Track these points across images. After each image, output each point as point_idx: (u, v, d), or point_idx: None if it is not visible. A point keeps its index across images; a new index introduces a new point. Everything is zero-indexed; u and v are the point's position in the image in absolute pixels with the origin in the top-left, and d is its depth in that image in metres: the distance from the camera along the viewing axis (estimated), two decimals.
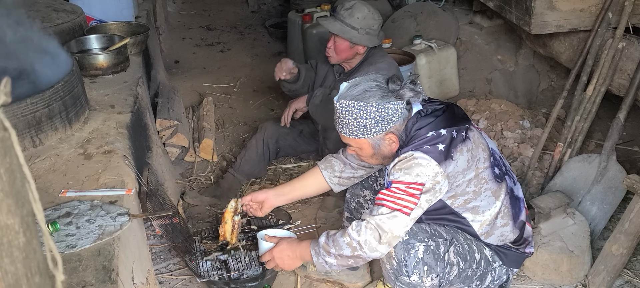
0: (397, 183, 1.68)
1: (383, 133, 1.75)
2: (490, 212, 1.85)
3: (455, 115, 1.80)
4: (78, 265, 1.43)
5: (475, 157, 1.78)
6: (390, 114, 1.72)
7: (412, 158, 1.68)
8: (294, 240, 1.94)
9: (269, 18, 5.96)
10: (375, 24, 2.61)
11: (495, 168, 1.86)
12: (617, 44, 2.70)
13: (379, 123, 1.72)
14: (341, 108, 1.74)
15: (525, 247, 2.00)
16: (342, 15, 2.58)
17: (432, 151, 1.68)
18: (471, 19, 4.25)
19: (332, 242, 1.74)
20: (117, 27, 3.16)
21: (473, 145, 1.77)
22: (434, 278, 1.79)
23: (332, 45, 2.65)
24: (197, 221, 2.74)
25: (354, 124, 1.73)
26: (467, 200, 1.81)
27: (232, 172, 2.87)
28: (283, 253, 1.91)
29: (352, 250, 1.69)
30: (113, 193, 1.75)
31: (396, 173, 1.70)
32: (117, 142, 2.05)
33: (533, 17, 2.92)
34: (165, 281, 2.32)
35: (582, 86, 2.83)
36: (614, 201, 2.51)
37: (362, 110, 1.70)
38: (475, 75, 4.03)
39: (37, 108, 1.89)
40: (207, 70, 4.71)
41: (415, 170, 1.67)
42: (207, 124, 3.40)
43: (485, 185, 1.82)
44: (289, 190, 2.17)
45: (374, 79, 1.77)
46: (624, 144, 3.13)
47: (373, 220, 1.66)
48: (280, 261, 1.92)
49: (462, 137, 1.75)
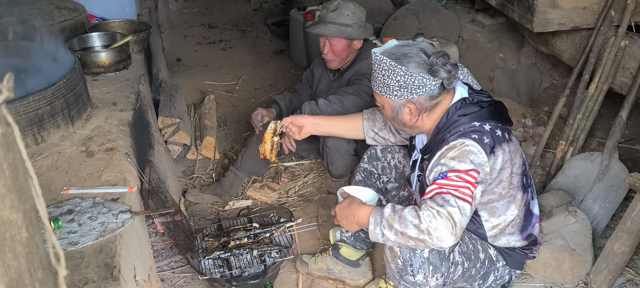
0: (454, 172, 1.63)
1: (404, 99, 1.72)
2: (505, 218, 1.85)
3: (502, 114, 1.78)
4: (80, 262, 1.43)
5: (513, 161, 1.76)
6: (417, 84, 1.68)
7: (463, 146, 1.65)
8: (355, 201, 1.83)
9: (270, 16, 5.96)
10: (363, 16, 2.64)
11: (524, 178, 1.85)
12: (620, 42, 2.69)
13: (402, 88, 1.69)
14: (375, 60, 1.73)
15: (529, 252, 2.00)
16: (332, 17, 2.58)
17: (479, 141, 1.66)
18: (473, 17, 4.24)
19: (398, 217, 1.64)
20: (119, 24, 3.16)
21: (514, 148, 1.76)
22: (439, 278, 1.78)
23: (328, 49, 2.64)
24: (199, 219, 2.74)
25: (381, 79, 1.72)
26: (490, 200, 1.80)
27: (233, 170, 2.87)
28: (343, 212, 1.83)
29: (418, 233, 1.60)
30: (115, 191, 1.75)
31: (450, 162, 1.65)
32: (119, 140, 2.05)
33: (535, 15, 2.91)
34: (167, 278, 2.33)
35: (585, 84, 2.83)
36: (616, 199, 2.51)
37: (391, 69, 1.68)
38: (477, 74, 4.01)
39: (39, 105, 1.89)
40: (209, 68, 4.71)
41: (469, 157, 1.64)
42: (208, 122, 3.40)
43: (512, 191, 1.80)
44: (329, 124, 2.22)
45: (423, 48, 1.74)
46: (626, 142, 3.12)
47: (444, 210, 1.58)
48: (340, 219, 1.85)
49: (506, 137, 1.73)
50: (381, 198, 2.26)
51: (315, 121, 2.19)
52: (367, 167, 2.23)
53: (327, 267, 2.27)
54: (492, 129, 1.70)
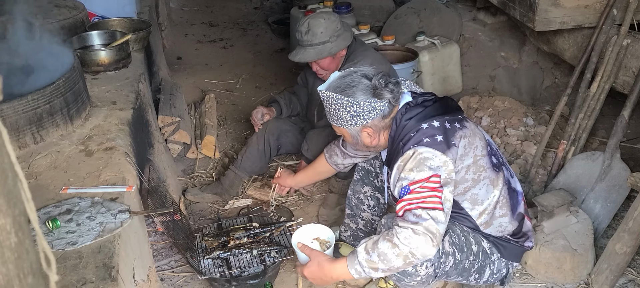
0: (415, 183, 1.65)
1: (360, 126, 1.79)
2: (489, 201, 1.85)
3: (448, 106, 1.82)
4: (78, 263, 1.42)
5: (472, 144, 1.79)
6: (367, 110, 1.74)
7: (417, 155, 1.67)
8: (323, 261, 1.81)
9: (271, 14, 5.95)
10: (337, 25, 2.57)
11: (493, 158, 1.87)
12: (622, 40, 2.68)
13: (354, 117, 1.76)
14: (323, 97, 1.81)
15: (525, 241, 1.98)
16: (307, 40, 2.54)
17: (432, 143, 1.69)
18: (475, 15, 4.23)
19: (376, 256, 1.65)
20: (119, 23, 3.15)
21: (470, 133, 1.79)
22: (429, 267, 1.77)
23: (317, 68, 2.63)
24: (199, 218, 2.73)
25: (332, 113, 1.80)
26: (466, 188, 1.81)
27: (233, 169, 2.86)
28: (315, 276, 1.82)
29: (404, 259, 1.63)
30: (114, 190, 1.75)
31: (409, 174, 1.67)
32: (119, 139, 2.04)
33: (537, 13, 2.90)
34: (167, 278, 2.32)
35: (586, 83, 2.81)
36: (618, 199, 2.49)
37: (339, 102, 1.75)
38: (479, 72, 4.01)
39: (38, 104, 1.88)
40: (209, 67, 4.70)
41: (426, 164, 1.66)
42: (209, 121, 3.39)
43: (484, 173, 1.82)
44: (307, 178, 2.53)
45: (364, 73, 1.79)
46: (628, 141, 3.11)
47: (419, 227, 1.60)
48: (315, 282, 1.86)
49: (457, 126, 1.76)
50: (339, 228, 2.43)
51: (297, 180, 2.53)
52: (365, 166, 2.23)
53: None
54: (441, 123, 1.73)
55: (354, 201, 2.30)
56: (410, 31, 4.08)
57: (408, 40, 3.96)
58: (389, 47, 3.65)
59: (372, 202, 2.27)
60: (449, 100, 1.86)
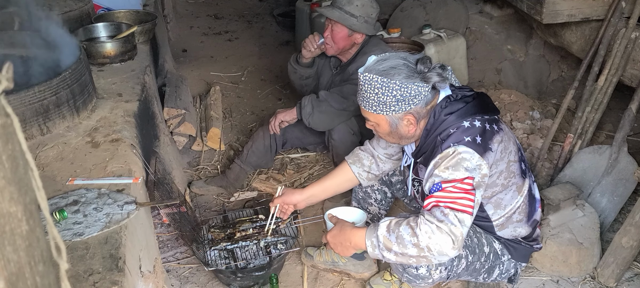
0: (448, 183, 1.60)
1: (402, 112, 1.68)
2: (512, 207, 1.83)
3: (486, 104, 1.75)
4: (85, 253, 1.43)
5: (507, 149, 1.74)
6: (413, 94, 1.65)
7: (456, 154, 1.63)
8: (346, 226, 1.81)
9: (277, 7, 5.93)
10: (373, 12, 2.60)
11: (522, 164, 1.84)
12: (630, 33, 2.65)
13: (399, 102, 1.66)
14: (364, 81, 1.68)
15: (534, 243, 1.99)
16: (341, 2, 2.56)
17: (472, 144, 1.64)
18: (481, 8, 4.20)
19: (394, 237, 1.62)
20: (124, 15, 3.16)
21: (505, 137, 1.74)
22: (443, 271, 1.77)
23: (329, 33, 2.62)
24: (204, 210, 2.74)
25: (375, 98, 1.68)
26: (494, 192, 1.78)
27: (238, 163, 2.86)
28: (336, 240, 1.81)
29: (419, 251, 1.58)
30: (120, 182, 1.75)
31: (443, 172, 1.62)
32: (125, 131, 2.05)
33: (544, 6, 2.88)
34: (173, 269, 2.33)
35: (594, 77, 2.79)
36: (625, 193, 2.48)
37: (384, 86, 1.64)
38: (485, 65, 3.99)
39: (44, 96, 1.89)
40: (214, 59, 4.70)
41: (463, 165, 1.61)
42: (214, 113, 3.40)
43: (513, 179, 1.79)
44: (321, 191, 2.17)
45: (404, 57, 1.70)
46: (635, 135, 3.09)
47: (444, 226, 1.56)
48: (335, 247, 1.83)
49: (495, 128, 1.71)
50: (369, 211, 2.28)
51: (308, 194, 2.15)
52: None
53: (332, 260, 2.27)
54: (481, 124, 1.68)
55: (361, 194, 2.29)
56: (416, 24, 4.06)
57: (414, 33, 3.95)
58: (395, 39, 3.64)
59: (379, 196, 2.26)
60: (486, 98, 1.79)
